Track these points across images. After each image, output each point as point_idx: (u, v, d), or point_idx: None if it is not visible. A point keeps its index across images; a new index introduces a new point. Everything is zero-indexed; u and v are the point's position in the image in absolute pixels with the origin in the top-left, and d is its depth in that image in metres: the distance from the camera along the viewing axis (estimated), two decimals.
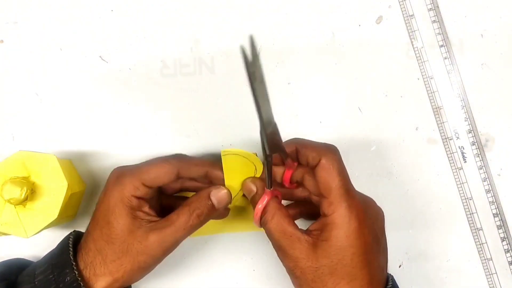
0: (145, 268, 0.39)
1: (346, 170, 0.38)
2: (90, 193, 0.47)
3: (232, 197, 0.40)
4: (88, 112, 0.48)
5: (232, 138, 0.47)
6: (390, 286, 0.38)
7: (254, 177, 0.40)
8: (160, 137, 0.47)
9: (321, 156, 0.37)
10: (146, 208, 0.39)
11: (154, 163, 0.40)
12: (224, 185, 0.40)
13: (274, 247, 0.39)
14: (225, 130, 0.47)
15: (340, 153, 0.37)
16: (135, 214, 0.39)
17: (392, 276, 0.39)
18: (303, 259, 0.36)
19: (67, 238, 0.40)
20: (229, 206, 0.42)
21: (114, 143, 0.48)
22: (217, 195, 0.40)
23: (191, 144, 0.47)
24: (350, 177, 0.37)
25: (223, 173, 0.40)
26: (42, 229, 0.42)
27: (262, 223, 0.39)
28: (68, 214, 0.45)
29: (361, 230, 0.36)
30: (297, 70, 0.47)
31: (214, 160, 0.41)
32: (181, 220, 0.38)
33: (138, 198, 0.39)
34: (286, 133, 0.47)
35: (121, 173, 0.40)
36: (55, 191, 0.41)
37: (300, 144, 0.39)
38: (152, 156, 0.45)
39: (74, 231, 0.41)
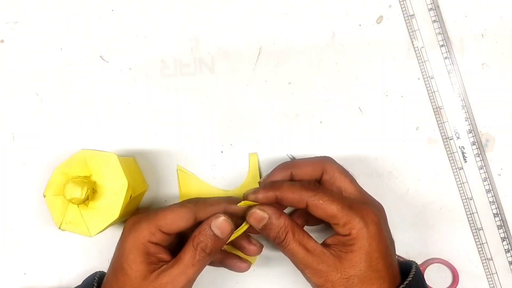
0: None
1: (351, 176, 0.40)
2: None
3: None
4: (88, 112, 0.48)
5: (232, 138, 0.47)
6: (412, 276, 0.38)
7: (262, 205, 0.39)
8: (160, 137, 0.47)
9: (321, 171, 0.39)
10: (163, 254, 0.39)
11: (170, 208, 0.40)
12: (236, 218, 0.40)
13: (298, 266, 0.38)
14: (225, 130, 0.47)
15: (341, 153, 0.37)
16: (150, 260, 0.38)
17: (414, 264, 0.40)
18: (332, 271, 0.36)
19: (92, 278, 0.41)
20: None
21: (113, 143, 0.48)
22: (217, 224, 0.38)
23: (191, 144, 0.47)
24: None
25: (239, 207, 0.40)
26: (105, 228, 0.41)
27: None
28: (131, 212, 0.45)
29: (380, 234, 0.37)
30: (297, 70, 0.47)
31: (229, 197, 0.41)
32: (188, 257, 0.38)
33: (155, 244, 0.38)
34: (286, 133, 0.47)
35: (138, 219, 0.40)
36: (116, 191, 0.41)
37: (293, 166, 0.41)
38: (152, 154, 0.45)
39: (100, 271, 0.42)
